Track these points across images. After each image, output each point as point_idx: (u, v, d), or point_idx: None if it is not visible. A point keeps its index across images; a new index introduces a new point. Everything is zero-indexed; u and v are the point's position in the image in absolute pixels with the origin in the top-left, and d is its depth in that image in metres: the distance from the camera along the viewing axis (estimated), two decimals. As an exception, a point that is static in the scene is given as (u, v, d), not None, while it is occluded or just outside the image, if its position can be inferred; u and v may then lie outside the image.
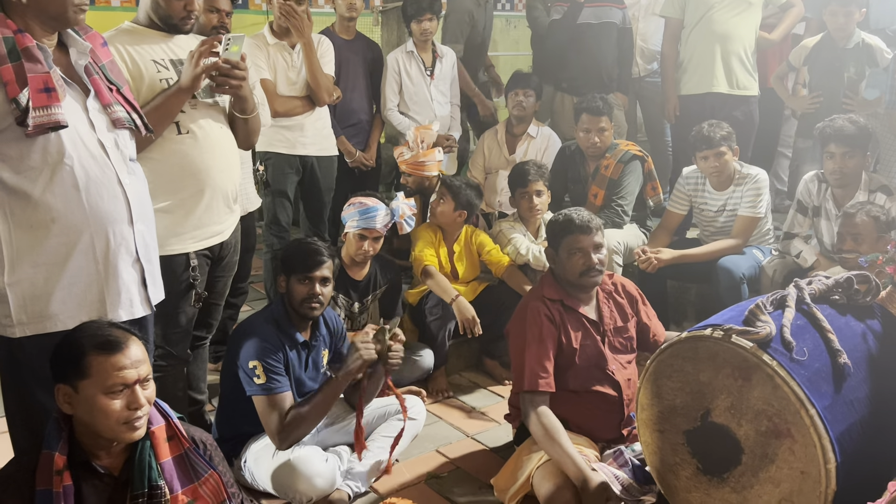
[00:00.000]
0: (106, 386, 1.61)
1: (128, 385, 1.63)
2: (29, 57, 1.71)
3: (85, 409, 1.62)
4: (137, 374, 1.64)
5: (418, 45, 4.32)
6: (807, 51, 4.21)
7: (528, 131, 4.24)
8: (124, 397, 1.62)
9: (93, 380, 1.61)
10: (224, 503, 1.78)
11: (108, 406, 1.61)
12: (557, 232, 2.55)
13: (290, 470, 2.39)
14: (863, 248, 3.05)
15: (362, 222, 3.05)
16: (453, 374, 3.48)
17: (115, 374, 1.61)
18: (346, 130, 4.13)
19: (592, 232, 2.51)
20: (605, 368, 2.52)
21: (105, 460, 1.70)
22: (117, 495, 1.69)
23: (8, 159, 1.75)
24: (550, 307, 2.51)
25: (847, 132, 3.27)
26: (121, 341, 1.65)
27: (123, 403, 1.62)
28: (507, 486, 2.44)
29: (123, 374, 1.62)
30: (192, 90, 2.25)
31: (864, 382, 2.03)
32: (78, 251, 1.83)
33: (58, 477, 1.61)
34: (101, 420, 1.62)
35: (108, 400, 1.61)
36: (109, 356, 1.62)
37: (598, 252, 2.51)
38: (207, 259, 2.48)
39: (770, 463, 1.97)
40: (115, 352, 1.62)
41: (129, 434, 1.65)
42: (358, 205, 3.08)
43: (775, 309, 2.10)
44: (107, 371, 1.61)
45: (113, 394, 1.61)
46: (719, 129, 3.50)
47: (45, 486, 1.60)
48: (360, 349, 2.41)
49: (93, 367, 1.61)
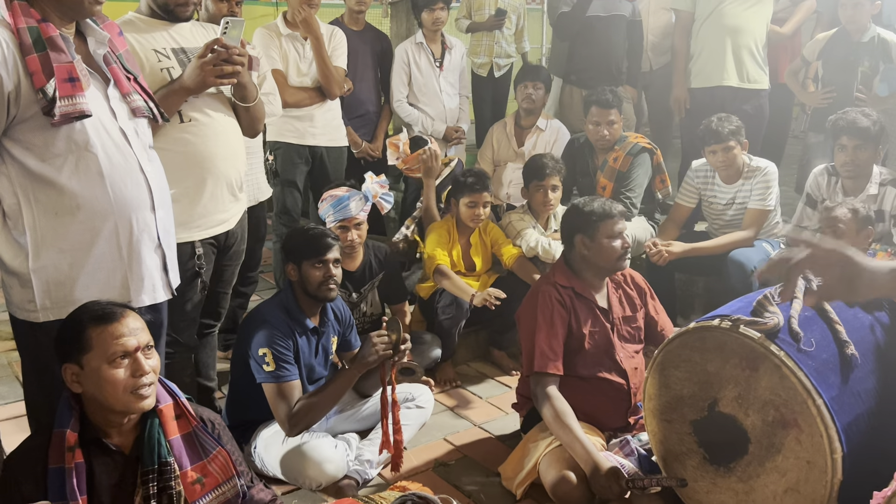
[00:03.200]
0: (108, 355, 1.65)
1: (129, 352, 1.67)
2: (54, 46, 1.72)
3: (92, 382, 1.66)
4: (137, 342, 1.68)
5: (428, 36, 4.33)
6: (821, 45, 4.20)
7: (537, 124, 4.25)
8: (128, 366, 1.67)
9: (95, 352, 1.65)
10: (232, 479, 1.81)
11: (114, 376, 1.65)
12: (593, 219, 2.54)
13: (299, 456, 2.42)
14: (844, 240, 3.04)
15: (338, 213, 3.04)
16: (461, 364, 3.50)
17: (114, 343, 1.65)
18: (353, 121, 4.14)
19: (623, 218, 2.59)
20: (613, 356, 2.54)
21: (116, 438, 1.73)
22: (128, 472, 1.73)
23: (33, 147, 1.77)
24: (562, 293, 2.53)
25: (860, 125, 3.26)
26: (116, 312, 1.70)
27: (128, 372, 1.66)
28: (514, 474, 2.46)
29: (123, 341, 1.66)
30: (195, 91, 2.26)
31: (871, 373, 2.04)
32: (102, 237, 1.86)
33: (70, 454, 1.64)
34: (109, 391, 1.66)
35: (113, 370, 1.65)
36: (107, 326, 1.66)
37: (625, 239, 2.59)
38: (213, 248, 2.50)
39: (777, 453, 1.98)
40: (112, 321, 1.67)
41: (137, 403, 1.68)
42: (329, 198, 3.07)
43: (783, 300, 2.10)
44: (106, 341, 1.65)
45: (116, 362, 1.66)
46: (728, 122, 3.49)
47: (57, 463, 1.64)
48: (377, 344, 2.40)
49: (93, 339, 1.65)
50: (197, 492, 1.75)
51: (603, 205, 2.58)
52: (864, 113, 3.31)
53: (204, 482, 1.77)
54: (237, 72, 2.25)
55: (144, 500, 1.70)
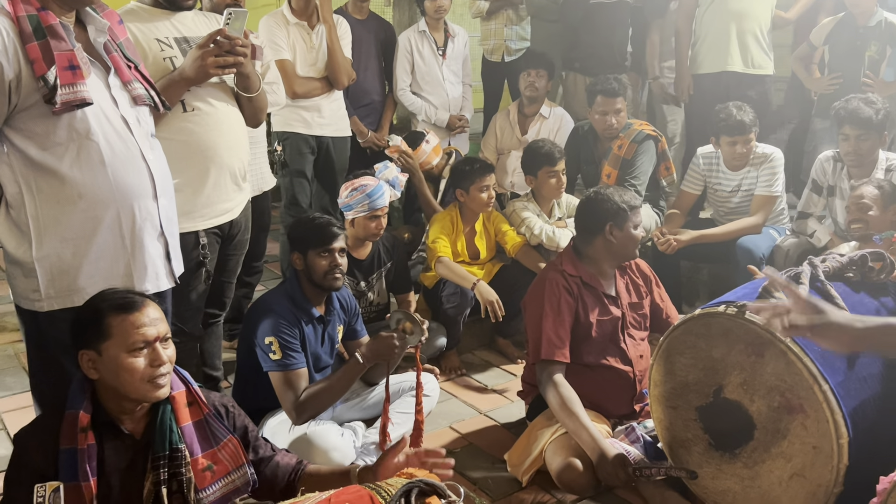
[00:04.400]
0: (128, 344, 1.66)
1: (148, 342, 1.68)
2: (54, 35, 1.72)
3: (110, 370, 1.67)
4: (157, 332, 1.69)
5: (431, 24, 4.31)
6: (827, 29, 4.16)
7: (541, 111, 4.23)
8: (147, 355, 1.68)
9: (115, 340, 1.66)
10: (242, 467, 1.82)
11: (132, 364, 1.66)
12: (625, 210, 2.53)
13: (306, 444, 2.42)
14: (870, 217, 3.04)
15: (372, 204, 3.05)
16: (466, 352, 3.50)
17: (135, 332, 1.66)
18: (358, 111, 4.13)
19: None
20: (618, 343, 2.54)
21: (128, 424, 1.74)
22: (138, 457, 1.74)
23: (34, 136, 1.77)
24: (569, 280, 2.53)
25: (862, 115, 3.23)
26: (137, 301, 1.70)
27: (146, 361, 1.67)
28: (519, 462, 2.47)
29: (143, 331, 1.67)
30: (196, 82, 2.25)
31: (877, 359, 2.03)
32: (105, 226, 1.86)
33: (82, 434, 1.65)
34: (126, 379, 1.66)
35: (132, 358, 1.66)
36: (128, 315, 1.67)
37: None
38: (217, 237, 2.50)
39: (782, 438, 1.98)
40: (133, 311, 1.68)
41: (154, 392, 1.69)
42: (363, 188, 3.06)
43: (789, 286, 2.10)
44: (127, 330, 1.66)
45: (135, 351, 1.66)
46: (747, 113, 3.45)
47: (69, 444, 1.65)
48: (396, 343, 2.40)
49: (113, 328, 1.66)
50: (207, 479, 1.76)
51: (630, 195, 2.61)
52: (866, 101, 3.28)
53: (214, 469, 1.78)
54: (239, 62, 2.25)
55: (155, 486, 1.71)
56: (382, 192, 3.07)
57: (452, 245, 3.44)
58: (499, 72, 4.87)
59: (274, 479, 1.89)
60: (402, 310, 2.50)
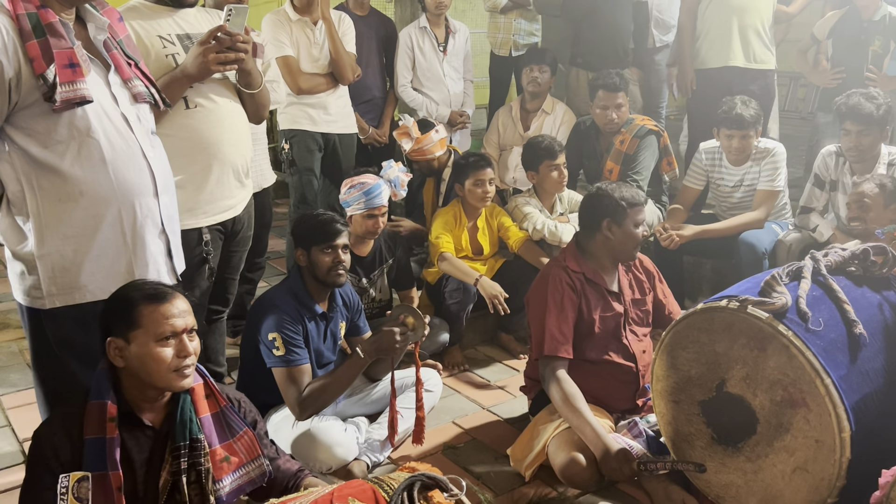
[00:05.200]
0: (157, 333, 1.68)
1: (177, 333, 1.71)
2: (53, 32, 1.72)
3: (137, 358, 1.69)
4: (185, 323, 1.72)
5: (431, 20, 4.31)
6: (831, 23, 4.15)
7: (543, 107, 4.23)
8: (174, 346, 1.70)
9: (144, 329, 1.68)
10: (258, 459, 1.84)
11: (161, 354, 1.68)
12: (623, 207, 2.52)
13: (310, 439, 2.43)
14: (870, 216, 3.02)
15: (369, 203, 3.05)
16: (469, 348, 3.51)
17: (165, 322, 1.69)
18: (359, 107, 4.13)
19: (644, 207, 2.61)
20: (621, 339, 2.54)
21: (148, 414, 1.76)
22: (157, 448, 1.75)
23: (35, 134, 1.77)
24: (572, 276, 2.53)
25: (863, 111, 3.22)
26: (168, 292, 1.73)
27: (174, 351, 1.70)
28: (522, 456, 2.47)
29: (173, 321, 1.70)
30: (197, 79, 2.25)
31: (879, 353, 2.03)
32: (106, 223, 1.86)
33: (111, 424, 1.67)
34: (153, 368, 1.69)
35: (160, 348, 1.68)
36: (159, 305, 1.70)
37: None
38: (220, 234, 2.51)
39: (785, 432, 1.98)
40: (164, 301, 1.71)
41: (179, 382, 1.72)
42: (360, 186, 3.07)
43: (791, 280, 2.10)
44: (157, 320, 1.69)
45: (164, 341, 1.69)
46: (750, 108, 3.43)
47: (95, 433, 1.66)
48: (398, 339, 2.40)
49: (144, 317, 1.68)
50: (224, 470, 1.78)
51: (633, 192, 2.58)
52: (867, 97, 3.26)
53: (231, 461, 1.80)
54: (241, 59, 2.25)
55: (172, 475, 1.73)
56: (380, 191, 3.07)
57: (455, 241, 3.44)
58: (506, 66, 4.83)
59: (272, 482, 1.90)
60: (404, 304, 2.50)
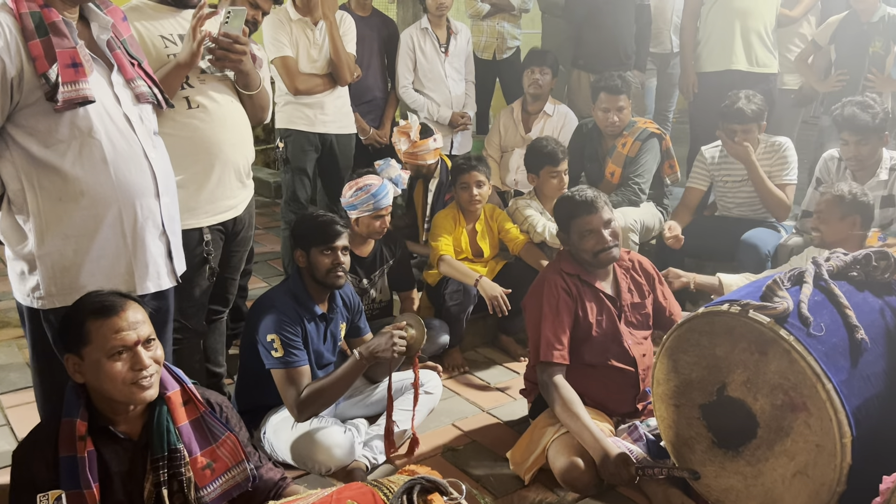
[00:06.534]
0: (106, 349, 1.65)
1: (128, 346, 1.66)
2: (56, 32, 1.72)
3: (93, 375, 1.66)
4: (137, 336, 1.68)
5: (433, 21, 4.30)
6: (832, 28, 4.15)
7: (545, 109, 4.23)
8: (127, 360, 1.66)
9: (94, 345, 1.65)
10: (241, 463, 1.82)
11: (113, 369, 1.65)
12: (564, 216, 2.55)
13: (309, 441, 2.43)
14: (823, 228, 2.95)
15: (377, 203, 3.05)
16: (469, 350, 3.50)
17: (113, 337, 1.65)
18: (360, 108, 4.13)
19: (599, 209, 2.49)
20: (620, 343, 2.53)
21: (123, 426, 1.74)
22: (137, 459, 1.74)
23: (37, 133, 1.77)
24: (568, 281, 2.52)
25: (859, 121, 3.19)
26: (116, 305, 1.68)
27: (127, 365, 1.66)
28: (522, 460, 2.47)
29: (121, 335, 1.66)
30: (190, 66, 2.24)
31: (881, 358, 2.03)
32: (106, 224, 1.86)
33: (81, 443, 1.65)
34: (108, 384, 1.66)
35: (112, 363, 1.65)
36: (106, 319, 1.66)
37: (609, 227, 2.50)
38: (221, 234, 2.51)
39: (785, 436, 1.98)
40: (110, 315, 1.66)
41: (140, 395, 1.68)
42: (367, 188, 3.06)
43: (793, 285, 2.10)
44: (105, 335, 1.65)
45: (115, 356, 1.65)
46: (752, 103, 3.42)
47: (68, 452, 1.65)
48: (396, 344, 2.40)
49: (92, 333, 1.65)
50: (207, 477, 1.76)
51: (573, 199, 2.52)
52: (862, 106, 3.22)
53: (214, 467, 1.78)
54: (239, 60, 2.26)
55: (155, 487, 1.71)
56: (387, 192, 3.07)
57: (455, 243, 3.44)
58: (490, 70, 4.83)
59: (255, 490, 1.88)
60: (411, 314, 2.50)
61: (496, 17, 4.74)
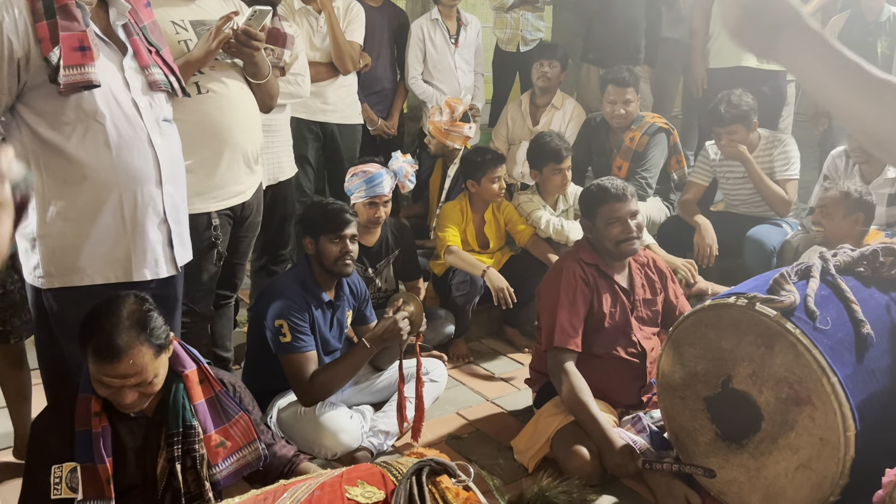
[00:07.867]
0: (101, 383, 1.67)
1: (117, 387, 1.68)
2: (66, 15, 1.72)
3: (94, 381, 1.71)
4: (125, 383, 1.67)
5: (443, 12, 4.30)
6: (838, 28, 4.14)
7: (553, 102, 4.23)
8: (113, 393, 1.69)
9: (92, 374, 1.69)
10: (253, 443, 1.85)
11: (103, 390, 1.69)
12: (593, 202, 2.55)
13: (315, 426, 2.45)
14: (827, 224, 2.96)
15: (370, 191, 3.05)
16: (474, 340, 3.52)
17: (108, 380, 1.66)
18: (369, 98, 4.13)
19: (628, 200, 2.53)
20: (630, 335, 2.54)
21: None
22: (152, 435, 1.77)
23: (44, 114, 1.78)
24: (586, 270, 2.53)
25: None
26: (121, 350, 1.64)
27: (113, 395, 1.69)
28: (526, 449, 2.48)
29: (115, 381, 1.66)
30: (203, 63, 2.26)
31: (886, 353, 2.04)
32: (107, 209, 1.86)
33: (96, 418, 1.69)
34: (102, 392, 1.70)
35: (103, 386, 1.68)
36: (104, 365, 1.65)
37: (635, 219, 2.53)
38: (229, 219, 2.51)
39: (790, 430, 1.99)
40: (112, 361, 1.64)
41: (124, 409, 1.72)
42: (362, 174, 3.08)
43: (800, 279, 2.11)
44: (98, 378, 1.67)
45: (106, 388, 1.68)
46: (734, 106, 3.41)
47: (83, 426, 1.68)
48: (401, 329, 2.42)
49: (91, 365, 1.67)
50: (220, 455, 1.79)
51: (605, 187, 2.54)
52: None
53: (227, 445, 1.81)
54: (251, 55, 2.29)
55: (168, 462, 1.74)
56: (382, 180, 3.06)
57: (462, 234, 3.45)
58: (512, 62, 4.80)
59: (268, 466, 1.91)
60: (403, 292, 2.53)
61: (520, 8, 4.71)
